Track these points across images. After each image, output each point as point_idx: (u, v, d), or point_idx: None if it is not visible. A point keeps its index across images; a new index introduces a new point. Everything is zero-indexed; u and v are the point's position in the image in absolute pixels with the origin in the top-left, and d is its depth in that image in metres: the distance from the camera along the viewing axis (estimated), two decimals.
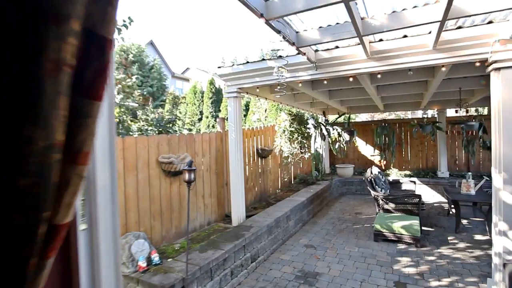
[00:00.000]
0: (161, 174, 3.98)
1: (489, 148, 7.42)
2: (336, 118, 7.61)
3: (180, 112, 12.26)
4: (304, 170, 8.70)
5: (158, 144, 3.96)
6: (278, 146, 5.69)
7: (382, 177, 6.34)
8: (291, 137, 5.49)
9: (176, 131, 5.43)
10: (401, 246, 4.64)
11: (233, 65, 4.65)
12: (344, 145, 7.85)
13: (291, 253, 4.58)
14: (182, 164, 3.95)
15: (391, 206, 5.40)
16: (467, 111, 5.60)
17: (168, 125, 5.00)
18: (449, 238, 4.91)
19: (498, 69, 3.06)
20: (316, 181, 7.86)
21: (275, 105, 9.97)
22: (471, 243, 4.67)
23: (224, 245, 3.67)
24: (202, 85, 14.28)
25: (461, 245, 4.60)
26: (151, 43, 27.17)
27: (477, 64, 3.32)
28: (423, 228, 5.01)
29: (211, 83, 12.61)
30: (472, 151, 7.01)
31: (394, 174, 8.56)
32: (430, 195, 7.66)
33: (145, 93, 13.58)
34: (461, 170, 8.04)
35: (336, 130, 7.72)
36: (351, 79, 3.99)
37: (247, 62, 4.55)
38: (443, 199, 7.38)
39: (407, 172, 8.49)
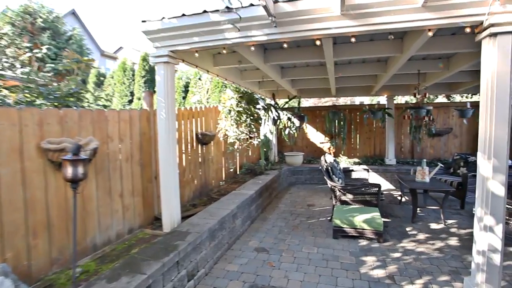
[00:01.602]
0: (48, 168, 2.63)
1: (434, 135, 7.62)
2: (287, 102, 6.88)
3: (103, 92, 10.22)
4: (250, 159, 7.86)
5: (42, 122, 2.59)
6: (222, 129, 4.67)
7: (337, 166, 5.84)
8: (238, 118, 4.53)
9: (84, 107, 3.97)
10: (363, 243, 4.12)
11: (163, 18, 3.41)
12: (294, 131, 7.22)
13: (239, 261, 3.68)
14: (83, 152, 2.66)
15: (349, 197, 4.88)
16: (415, 95, 5.37)
17: (69, 99, 3.54)
18: (407, 229, 4.58)
19: (495, 34, 2.52)
20: (265, 171, 7.10)
21: (218, 86, 8.85)
22: (430, 233, 4.39)
23: (148, 265, 2.56)
24: (133, 59, 12.27)
25: (421, 236, 4.29)
26: (73, 13, 23.03)
27: (467, 29, 2.75)
28: None
29: (144, 59, 10.82)
30: (419, 138, 7.00)
31: (343, 161, 8.30)
32: (380, 183, 7.53)
33: (60, 68, 11.08)
34: (406, 157, 8.15)
35: (286, 115, 7.06)
36: (318, 42, 3.16)
37: (183, 15, 3.36)
38: (392, 187, 7.33)
39: (356, 160, 8.31)
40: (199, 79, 9.39)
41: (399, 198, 6.20)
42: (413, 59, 4.89)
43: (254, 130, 5.31)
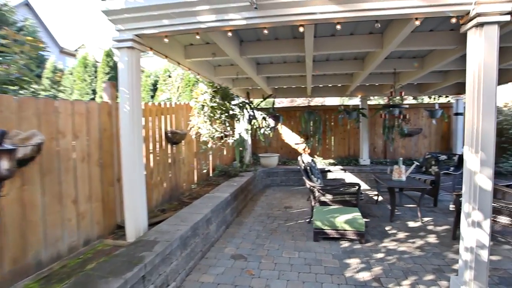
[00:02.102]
0: None
1: (406, 135, 7.79)
2: (261, 101, 6.64)
3: (61, 88, 9.29)
4: (224, 160, 7.50)
5: None
6: (194, 127, 4.28)
7: (315, 166, 5.68)
8: (212, 115, 4.16)
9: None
10: (345, 244, 3.94)
11: None
12: (269, 131, 7.00)
13: (215, 270, 3.32)
14: (22, 148, 2.17)
15: (328, 198, 4.71)
16: (391, 94, 5.39)
17: (7, 86, 2.97)
18: (387, 228, 4.50)
19: (481, 24, 2.45)
20: (239, 173, 6.79)
21: (189, 84, 8.40)
22: (408, 231, 4.35)
23: (106, 283, 2.13)
24: (97, 58, 11.37)
25: (401, 235, 4.22)
26: (27, 4, 21.11)
27: (453, 20, 2.68)
28: None
29: (108, 54, 10.04)
30: (392, 138, 7.10)
31: (319, 162, 8.21)
32: (352, 181, 7.53)
33: (8, 61, 9.92)
34: (379, 157, 8.27)
35: (261, 114, 6.82)
36: (301, 29, 2.93)
37: None
38: (367, 187, 7.34)
39: (331, 161, 8.28)
40: (169, 76, 8.85)
41: (375, 197, 6.20)
42: (390, 58, 4.89)
43: (229, 128, 4.97)
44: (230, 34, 3.12)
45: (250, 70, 5.12)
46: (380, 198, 6.05)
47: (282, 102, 18.40)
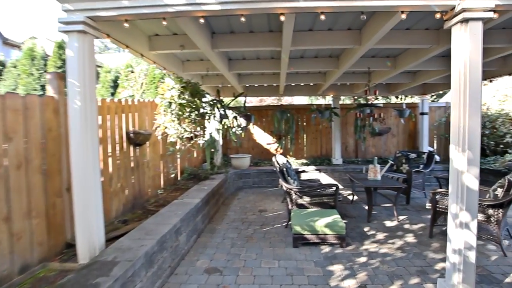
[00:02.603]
0: None
1: (377, 134, 7.91)
2: (233, 99, 6.30)
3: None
4: (193, 162, 7.04)
5: None
6: (160, 126, 3.84)
7: (291, 167, 5.48)
8: (180, 113, 3.75)
9: None
10: (326, 249, 3.75)
11: None
12: (240, 131, 6.70)
13: None
14: None
15: (306, 200, 4.52)
16: (366, 93, 5.37)
17: None
18: (365, 229, 4.41)
19: (467, 20, 2.36)
20: (210, 176, 6.39)
21: (154, 81, 7.80)
22: (387, 232, 4.29)
23: None
24: (48, 50, 10.21)
25: (380, 236, 4.14)
26: None
27: (437, 15, 2.57)
28: None
29: (61, 46, 9.03)
30: (363, 137, 7.16)
31: (291, 163, 8.06)
32: (327, 181, 7.48)
33: None
34: (350, 156, 8.33)
35: (232, 113, 6.50)
36: (282, 18, 2.65)
37: None
38: (341, 186, 7.29)
39: (304, 161, 8.17)
40: (132, 71, 8.14)
41: (350, 197, 6.16)
42: (364, 56, 4.81)
43: (199, 128, 4.58)
44: (202, 21, 2.75)
45: (222, 65, 4.77)
46: (355, 197, 6.02)
47: (251, 102, 18.19)
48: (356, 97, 8.76)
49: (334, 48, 4.53)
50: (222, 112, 5.58)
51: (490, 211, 3.49)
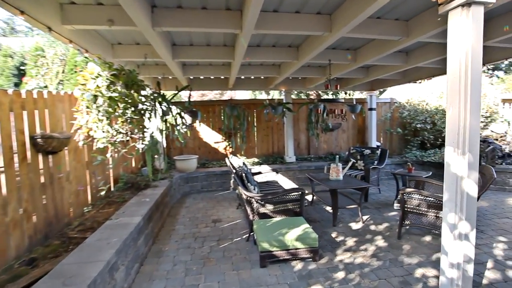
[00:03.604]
0: None
1: (330, 130, 7.82)
2: (176, 93, 5.41)
3: None
4: (130, 168, 5.93)
5: None
6: (83, 128, 2.83)
7: (247, 169, 4.88)
8: (111, 109, 2.80)
9: None
10: (298, 266, 3.27)
11: None
12: (185, 130, 5.87)
13: None
14: None
15: (269, 208, 3.98)
16: (327, 87, 5.07)
17: None
18: (333, 235, 4.08)
19: (469, 4, 2.05)
20: (152, 183, 5.40)
21: (77, 69, 6.31)
22: (355, 236, 4.03)
23: None
24: None
25: (350, 242, 3.84)
26: None
27: None
28: None
29: None
30: (316, 133, 6.96)
31: (241, 160, 7.48)
32: (286, 183, 7.10)
33: None
34: (302, 153, 8.10)
35: (176, 109, 5.63)
36: None
37: None
38: (295, 185, 7.01)
39: (256, 160, 7.66)
40: (43, 56, 6.41)
41: (309, 198, 5.85)
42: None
43: (137, 129, 3.63)
44: None
45: (164, 51, 3.87)
46: (314, 198, 5.73)
47: (192, 97, 17.01)
48: (315, 92, 8.61)
49: (297, 36, 4.04)
50: (165, 108, 4.69)
51: None
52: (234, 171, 4.51)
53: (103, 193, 3.86)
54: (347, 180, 4.78)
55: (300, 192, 4.02)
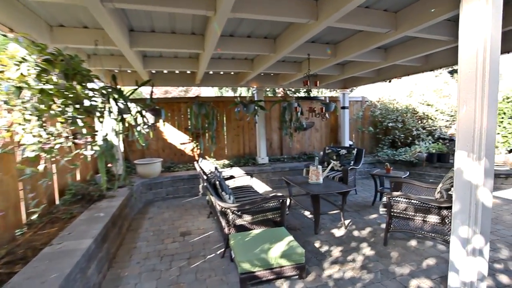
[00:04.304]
0: None
1: (304, 129, 7.52)
2: (136, 88, 4.72)
3: None
4: (82, 175, 5.07)
5: None
6: (2, 132, 2.11)
7: (220, 175, 4.35)
8: (43, 106, 2.12)
9: None
10: (284, 287, 2.85)
11: None
12: (148, 130, 5.19)
13: None
14: None
15: (246, 219, 3.52)
16: (305, 84, 4.72)
17: None
18: (316, 245, 3.74)
19: None
20: (107, 192, 4.66)
21: None
22: (340, 244, 3.72)
23: None
24: None
25: (336, 252, 3.52)
26: None
27: None
28: None
29: None
30: (290, 133, 6.64)
31: (212, 165, 6.91)
32: (259, 187, 6.66)
33: None
34: (275, 153, 7.73)
35: (136, 107, 4.94)
36: None
37: None
38: (269, 188, 6.62)
39: (226, 161, 7.12)
40: None
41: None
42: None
43: (84, 131, 2.94)
44: None
45: (119, 37, 3.21)
46: (290, 201, 5.38)
47: (154, 94, 15.92)
48: (282, 90, 8.29)
49: (277, 25, 3.61)
50: (122, 106, 3.99)
51: (445, 212, 3.28)
52: (205, 177, 3.97)
53: (34, 216, 3.06)
54: (328, 183, 4.48)
55: (280, 200, 3.62)
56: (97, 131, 3.07)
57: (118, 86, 4.48)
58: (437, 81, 8.71)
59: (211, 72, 6.35)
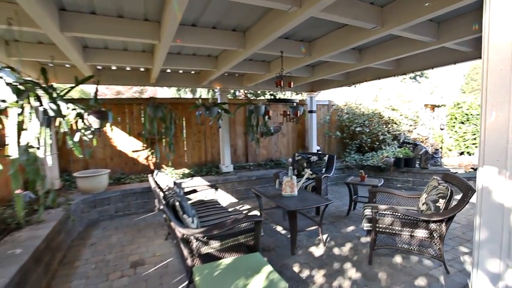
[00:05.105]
0: None
1: (271, 134, 7.04)
2: (73, 86, 3.84)
3: None
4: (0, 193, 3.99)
5: None
6: None
7: (180, 192, 3.65)
8: None
9: None
10: None
11: None
12: (91, 136, 4.36)
13: None
14: None
15: (214, 246, 2.90)
16: (278, 85, 4.23)
17: None
18: (295, 269, 3.25)
19: None
20: (33, 217, 3.68)
21: None
22: (321, 266, 3.27)
23: None
24: None
25: (319, 278, 3.06)
26: None
27: None
28: None
29: None
30: (257, 138, 6.14)
31: (169, 175, 6.11)
32: (225, 198, 6.02)
33: None
34: (239, 160, 7.15)
35: (74, 109, 4.10)
36: None
37: None
38: (234, 199, 6.02)
39: (186, 171, 6.36)
40: None
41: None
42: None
43: None
44: None
45: (42, 14, 2.40)
46: (259, 214, 4.85)
47: (105, 95, 14.37)
48: (243, 93, 7.79)
49: (249, 13, 3.07)
50: (54, 107, 3.15)
51: (433, 226, 3.03)
52: (162, 195, 3.26)
53: None
54: (303, 195, 4.04)
55: (255, 220, 3.06)
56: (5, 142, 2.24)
57: (52, 83, 3.60)
58: (400, 86, 8.98)
59: (168, 71, 5.60)
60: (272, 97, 8.43)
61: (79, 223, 4.66)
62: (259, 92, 10.18)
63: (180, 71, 5.75)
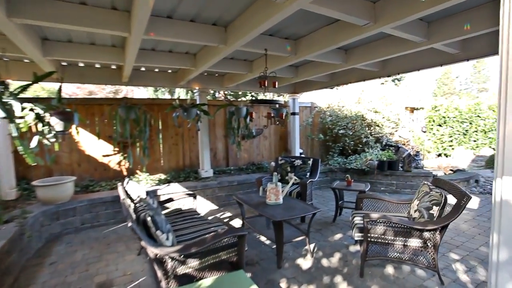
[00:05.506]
0: None
1: (253, 137, 6.76)
2: (30, 84, 3.40)
3: None
4: None
5: None
6: None
7: (154, 202, 3.26)
8: None
9: None
10: None
11: None
12: (53, 140, 3.89)
13: None
14: None
15: (192, 265, 2.57)
16: (262, 85, 3.96)
17: None
18: (283, 285, 2.97)
19: None
20: None
21: None
22: (310, 281, 3.02)
23: None
24: None
25: None
26: None
27: None
28: None
29: None
30: (238, 141, 5.84)
31: (144, 181, 5.66)
32: (204, 206, 5.64)
33: None
34: (220, 165, 6.79)
35: (32, 109, 3.64)
36: None
37: None
38: (214, 206, 5.67)
39: (162, 176, 5.92)
40: None
41: (234, 223, 4.64)
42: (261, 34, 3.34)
43: None
44: None
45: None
46: (241, 223, 4.55)
47: (76, 95, 13.48)
48: (223, 94, 7.50)
49: (231, 6, 2.77)
50: (4, 107, 2.74)
51: (427, 235, 2.87)
52: (132, 209, 2.87)
53: None
54: (289, 203, 3.78)
55: (238, 234, 2.76)
56: None
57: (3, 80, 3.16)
58: (382, 89, 9.03)
59: (143, 69, 5.18)
60: (254, 98, 8.17)
61: (38, 238, 4.12)
62: (240, 93, 9.88)
63: (156, 70, 5.34)
